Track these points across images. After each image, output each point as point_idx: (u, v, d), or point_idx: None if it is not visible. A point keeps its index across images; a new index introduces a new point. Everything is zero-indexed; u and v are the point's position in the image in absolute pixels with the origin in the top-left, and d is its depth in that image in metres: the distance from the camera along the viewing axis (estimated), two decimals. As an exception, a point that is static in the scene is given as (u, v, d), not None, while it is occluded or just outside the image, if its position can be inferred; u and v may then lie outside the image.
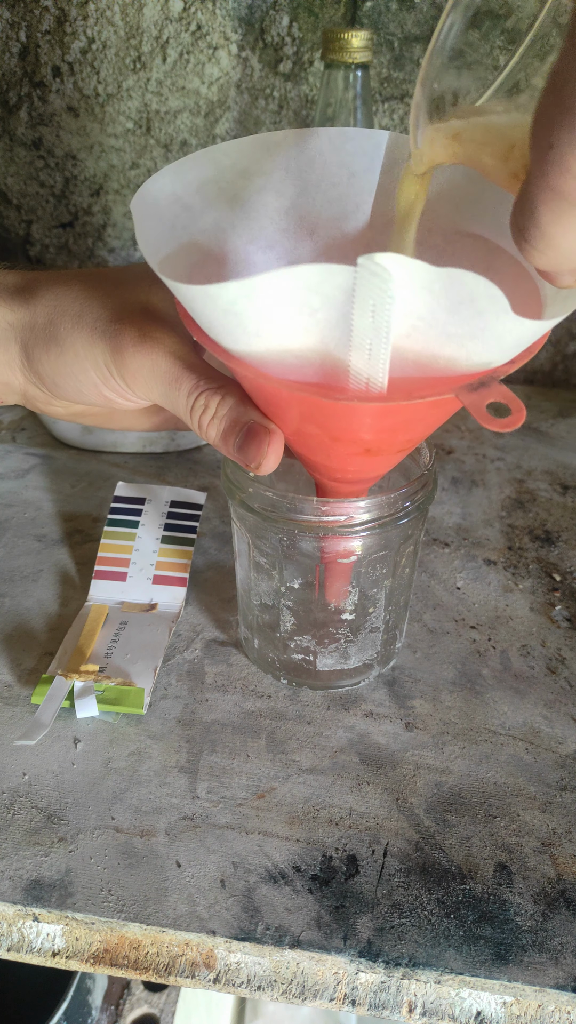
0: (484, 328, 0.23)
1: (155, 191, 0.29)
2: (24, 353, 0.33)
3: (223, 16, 0.64)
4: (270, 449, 0.30)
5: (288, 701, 0.40)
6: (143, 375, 0.31)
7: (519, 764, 0.38)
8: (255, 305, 0.23)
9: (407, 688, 0.41)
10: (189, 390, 0.30)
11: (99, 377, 0.32)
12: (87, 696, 0.38)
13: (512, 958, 0.30)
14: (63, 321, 0.32)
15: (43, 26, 0.67)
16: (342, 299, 0.22)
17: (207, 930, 0.31)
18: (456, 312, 0.22)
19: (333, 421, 0.28)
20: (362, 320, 0.23)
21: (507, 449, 0.64)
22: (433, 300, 0.22)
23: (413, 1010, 0.31)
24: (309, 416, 0.28)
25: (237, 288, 0.22)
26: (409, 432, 0.30)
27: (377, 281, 0.21)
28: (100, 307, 0.32)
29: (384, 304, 0.22)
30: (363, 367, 0.25)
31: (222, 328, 0.25)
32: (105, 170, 0.73)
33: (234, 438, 0.30)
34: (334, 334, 0.24)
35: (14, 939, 0.33)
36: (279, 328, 0.24)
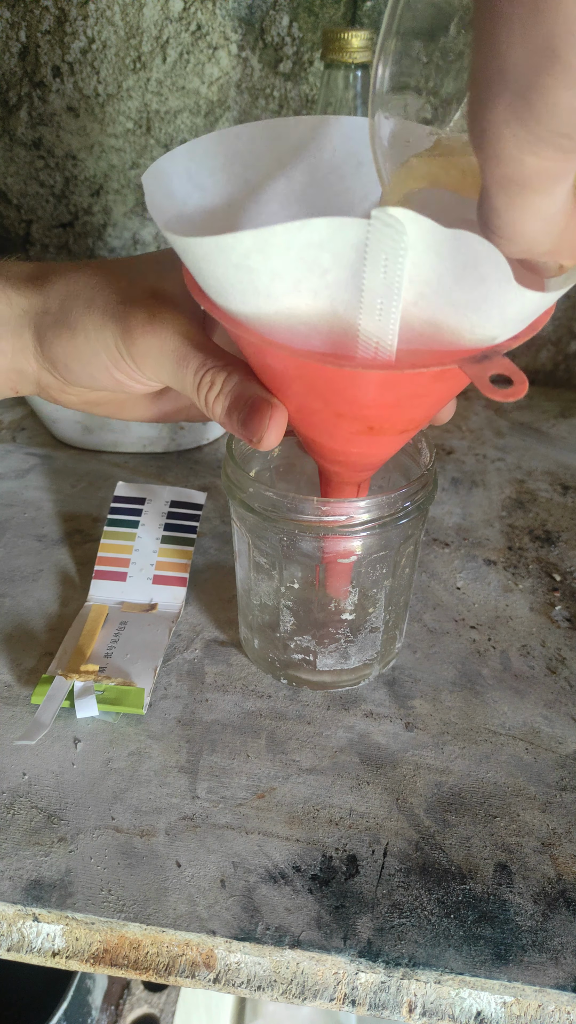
0: (487, 297, 0.23)
1: (168, 168, 0.30)
2: (37, 338, 0.34)
3: (223, 16, 0.64)
4: (271, 423, 0.30)
5: (288, 701, 0.40)
6: (152, 355, 0.32)
7: (519, 764, 0.38)
8: (267, 260, 0.23)
9: (407, 688, 0.41)
10: (196, 368, 0.31)
11: (109, 359, 0.32)
12: (87, 696, 0.38)
13: (512, 958, 0.30)
14: (75, 305, 0.33)
15: (43, 26, 0.67)
16: (354, 257, 0.22)
17: (207, 930, 0.31)
18: (462, 279, 0.22)
19: (337, 392, 0.28)
20: (374, 276, 0.23)
21: (507, 449, 0.64)
22: (440, 264, 0.22)
23: (413, 1010, 0.31)
24: (313, 387, 0.28)
25: (251, 239, 0.22)
26: (412, 409, 0.29)
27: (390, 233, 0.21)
28: (111, 291, 0.33)
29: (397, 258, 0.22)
30: (373, 329, 0.24)
31: (232, 287, 0.25)
32: (105, 170, 0.73)
33: (238, 413, 0.30)
34: (344, 297, 0.24)
35: (14, 939, 0.33)
36: (289, 288, 0.24)
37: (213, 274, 0.25)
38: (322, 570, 0.38)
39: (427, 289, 0.23)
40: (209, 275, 0.25)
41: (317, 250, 0.22)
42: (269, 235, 0.22)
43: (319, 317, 0.25)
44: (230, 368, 0.31)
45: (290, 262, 0.23)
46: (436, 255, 0.22)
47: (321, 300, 0.24)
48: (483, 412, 0.70)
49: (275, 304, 0.25)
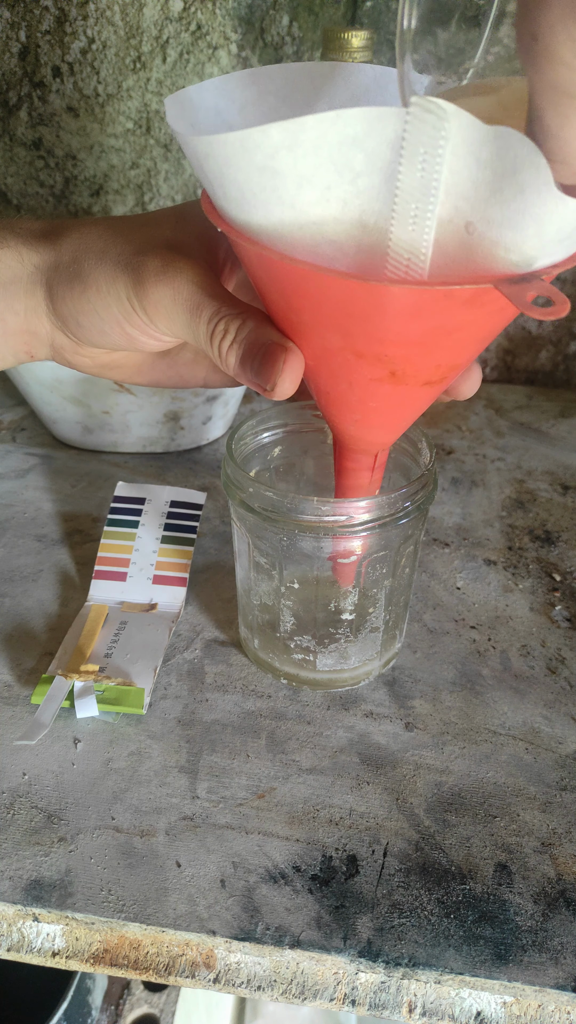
0: (525, 209, 0.21)
1: (195, 99, 0.28)
2: (49, 295, 0.33)
3: (223, 16, 0.64)
4: (286, 367, 0.28)
5: (288, 701, 0.40)
6: (165, 305, 0.30)
7: (519, 764, 0.38)
8: (296, 161, 0.21)
9: (407, 688, 0.41)
10: (210, 316, 0.30)
11: (121, 312, 0.31)
12: (87, 696, 0.38)
13: (512, 958, 0.30)
14: (87, 258, 0.32)
15: (43, 26, 0.67)
16: (389, 157, 0.21)
17: (207, 930, 0.31)
18: (499, 189, 0.21)
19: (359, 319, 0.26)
20: (410, 175, 0.21)
21: (507, 449, 0.64)
22: (479, 170, 0.21)
23: (413, 1010, 0.31)
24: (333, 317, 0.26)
25: (279, 133, 0.21)
26: (439, 350, 0.27)
27: (432, 121, 0.20)
28: (124, 243, 0.32)
29: (436, 152, 0.20)
30: (406, 239, 0.23)
31: (255, 197, 0.23)
32: (105, 170, 0.73)
33: (251, 361, 0.29)
34: (375, 207, 0.22)
35: (14, 939, 0.32)
36: (318, 196, 0.22)
37: (235, 181, 0.23)
38: (325, 569, 0.38)
39: (463, 203, 0.22)
40: (231, 183, 0.24)
41: (350, 148, 0.21)
42: (299, 128, 0.21)
43: (347, 234, 0.23)
44: (244, 315, 0.29)
45: (320, 163, 0.21)
46: (475, 160, 0.20)
47: (351, 211, 0.23)
48: (483, 412, 0.70)
49: (301, 216, 0.23)
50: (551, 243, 0.23)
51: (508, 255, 0.23)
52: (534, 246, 0.23)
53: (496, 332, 0.28)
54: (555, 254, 0.24)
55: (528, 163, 0.20)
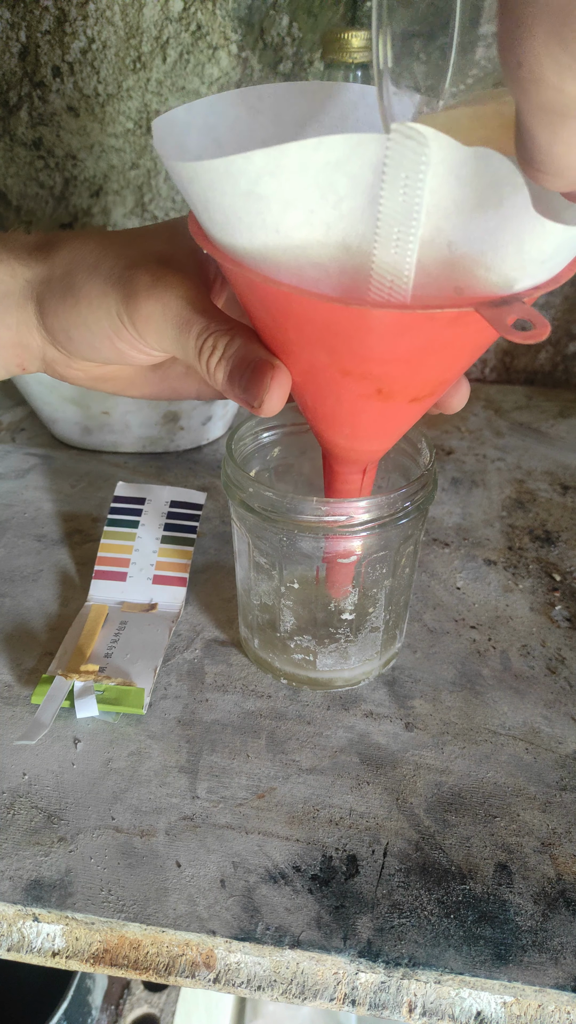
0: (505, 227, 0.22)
1: (184, 119, 0.29)
2: (40, 309, 0.33)
3: (223, 16, 0.64)
4: (273, 383, 0.29)
5: (288, 701, 0.40)
6: (155, 320, 0.31)
7: (519, 764, 0.38)
8: (279, 186, 0.22)
9: (407, 688, 0.41)
10: (199, 332, 0.30)
11: (111, 327, 0.32)
12: (87, 696, 0.38)
13: (512, 958, 0.30)
14: (79, 272, 0.32)
15: (43, 26, 0.67)
16: (371, 180, 0.21)
17: (207, 930, 0.31)
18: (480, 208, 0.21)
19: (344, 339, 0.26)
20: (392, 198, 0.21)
21: (507, 449, 0.64)
22: (460, 190, 0.21)
23: (413, 1010, 0.31)
24: (318, 337, 0.26)
25: (263, 159, 0.21)
26: (425, 368, 0.28)
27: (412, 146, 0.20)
28: (115, 257, 0.32)
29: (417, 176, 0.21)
30: (389, 261, 0.23)
31: (240, 221, 0.24)
32: (105, 170, 0.73)
33: (239, 377, 0.29)
34: (359, 230, 0.22)
35: (14, 939, 0.33)
36: (301, 220, 0.22)
37: (220, 206, 0.24)
38: (322, 569, 0.38)
39: (445, 223, 0.22)
40: (216, 208, 0.24)
41: (333, 172, 0.21)
42: (282, 154, 0.21)
43: (331, 256, 0.23)
44: (233, 332, 0.30)
45: (303, 188, 0.22)
46: (456, 179, 0.21)
47: (335, 234, 0.23)
48: (483, 412, 0.70)
49: (285, 239, 0.23)
50: (532, 264, 0.23)
51: (489, 275, 0.23)
52: (514, 266, 0.23)
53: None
54: (536, 275, 0.24)
55: (508, 183, 0.20)
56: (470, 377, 0.78)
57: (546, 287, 0.25)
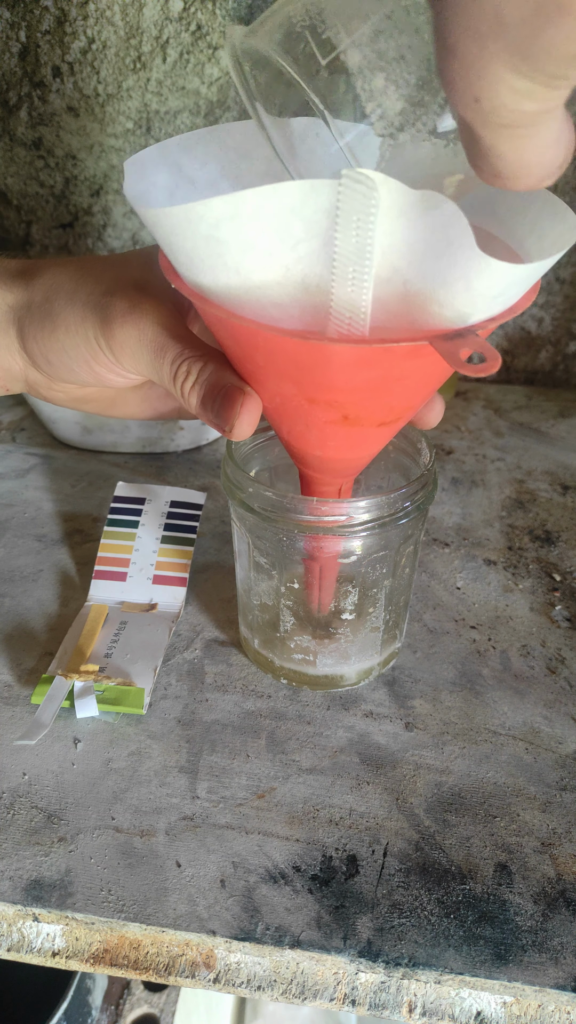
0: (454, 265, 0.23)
1: (156, 158, 0.29)
2: (20, 333, 0.34)
3: (223, 16, 0.64)
4: (243, 410, 0.30)
5: (288, 701, 0.40)
6: (130, 345, 0.32)
7: (519, 764, 0.38)
8: (238, 230, 0.23)
9: (407, 688, 0.41)
10: (173, 358, 0.31)
11: (89, 351, 0.33)
12: (87, 696, 0.38)
13: (512, 958, 0.30)
14: (58, 297, 0.33)
15: (43, 26, 0.67)
16: (326, 224, 0.22)
17: (207, 930, 0.31)
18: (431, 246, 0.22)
19: (307, 372, 0.27)
20: (346, 241, 0.22)
21: (507, 449, 0.64)
22: (410, 230, 0.22)
23: (413, 1010, 0.31)
24: (283, 368, 0.28)
25: (222, 205, 0.22)
26: (388, 395, 0.29)
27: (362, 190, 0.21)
28: (94, 283, 0.33)
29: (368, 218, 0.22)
30: (346, 299, 0.24)
31: (202, 262, 0.25)
32: (105, 170, 0.73)
33: (211, 402, 0.30)
34: (316, 270, 0.23)
35: (14, 939, 0.33)
36: (260, 261, 0.23)
37: (183, 248, 0.25)
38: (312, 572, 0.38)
39: (399, 260, 0.23)
40: (179, 249, 0.25)
41: (289, 216, 0.22)
42: (239, 201, 0.22)
43: (290, 296, 0.25)
44: (206, 358, 0.31)
45: (261, 232, 0.22)
46: (406, 220, 0.22)
47: (293, 274, 0.24)
48: (482, 412, 0.70)
49: (246, 280, 0.24)
50: (482, 299, 0.24)
51: (443, 311, 0.24)
52: (465, 302, 0.24)
53: (445, 376, 0.29)
54: (489, 309, 0.25)
55: (454, 225, 0.21)
56: (470, 377, 0.78)
57: (501, 319, 0.26)
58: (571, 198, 0.66)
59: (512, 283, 0.24)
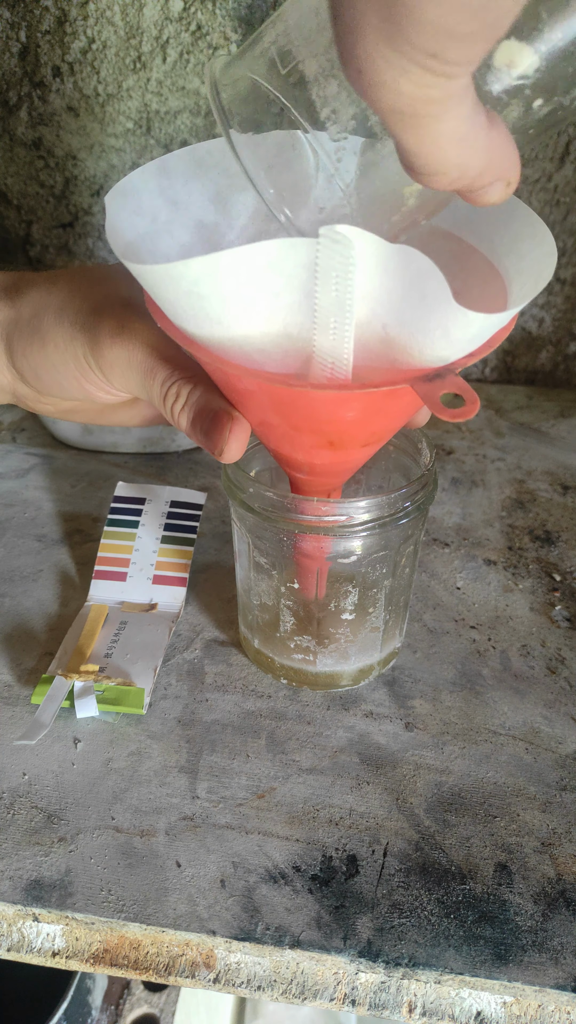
0: (431, 315, 0.23)
1: (138, 184, 0.30)
2: (8, 350, 0.34)
3: (223, 16, 0.64)
4: (231, 435, 0.30)
5: (288, 701, 0.40)
6: (120, 366, 0.32)
7: (519, 764, 0.38)
8: (218, 286, 0.23)
9: (407, 688, 0.41)
10: (163, 380, 0.31)
11: (78, 370, 0.33)
12: (87, 696, 0.38)
13: (512, 958, 0.30)
14: (46, 315, 0.33)
15: (43, 26, 0.67)
16: (304, 277, 0.23)
17: (207, 930, 0.31)
18: (407, 296, 0.23)
19: (293, 410, 0.28)
20: (326, 294, 0.23)
21: (507, 449, 0.64)
22: (388, 279, 0.22)
23: (413, 1010, 0.31)
24: (270, 405, 0.28)
25: (200, 265, 0.22)
26: (371, 424, 0.30)
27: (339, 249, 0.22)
28: (82, 301, 0.33)
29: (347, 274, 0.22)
30: (328, 347, 0.25)
31: (185, 313, 0.25)
32: (105, 170, 0.73)
33: (201, 425, 0.31)
34: (297, 319, 0.24)
35: (14, 939, 0.33)
36: (241, 314, 0.24)
37: (166, 299, 0.25)
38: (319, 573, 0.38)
39: (378, 307, 0.23)
40: (163, 300, 0.26)
41: (267, 272, 0.22)
42: (218, 261, 0.22)
43: (273, 343, 0.25)
44: (195, 380, 0.31)
45: (241, 287, 0.23)
46: (384, 271, 0.22)
47: (274, 324, 0.24)
48: (483, 412, 0.70)
49: (228, 330, 0.25)
50: (459, 343, 0.25)
51: (422, 353, 0.25)
52: (443, 347, 0.24)
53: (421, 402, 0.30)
54: (467, 349, 0.26)
55: (429, 278, 0.22)
56: (471, 377, 0.78)
57: (479, 355, 0.26)
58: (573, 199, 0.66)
59: (490, 326, 0.25)
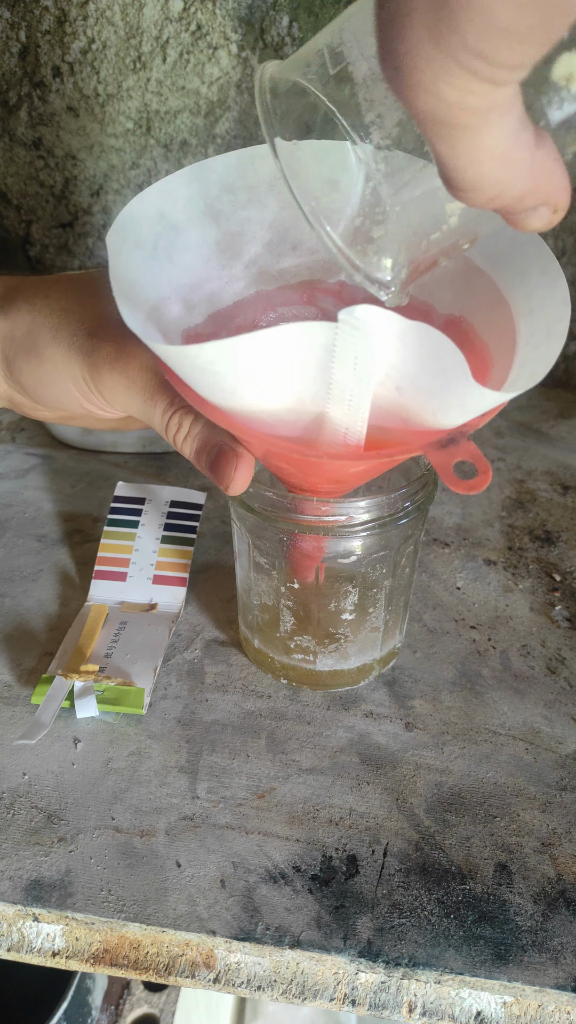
0: (447, 387, 0.23)
1: (138, 212, 0.30)
2: (5, 363, 0.33)
3: (223, 16, 0.64)
4: (237, 473, 0.30)
5: (288, 701, 0.40)
6: (120, 391, 0.31)
7: (519, 764, 0.38)
8: (233, 367, 0.23)
9: (407, 688, 0.41)
10: (164, 408, 0.31)
11: (79, 391, 0.32)
12: (87, 696, 0.38)
13: (512, 958, 0.30)
14: (42, 333, 0.32)
15: (43, 26, 0.67)
16: (320, 355, 0.23)
17: (207, 930, 0.31)
18: (424, 366, 0.23)
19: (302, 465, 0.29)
20: (343, 373, 0.23)
21: (507, 449, 0.64)
22: (404, 350, 0.22)
23: (413, 1010, 0.31)
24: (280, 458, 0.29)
25: (214, 350, 0.22)
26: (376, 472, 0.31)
27: (359, 335, 0.22)
28: (78, 320, 0.32)
29: (365, 355, 0.22)
30: (342, 418, 0.25)
31: (198, 383, 0.25)
32: (105, 170, 0.73)
33: (206, 457, 0.31)
34: (311, 390, 0.24)
35: (14, 939, 0.33)
36: (256, 388, 0.24)
37: (180, 370, 0.25)
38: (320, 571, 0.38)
39: (393, 372, 0.23)
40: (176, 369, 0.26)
41: (283, 353, 0.22)
42: (233, 345, 0.22)
43: (287, 410, 0.25)
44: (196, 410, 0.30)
45: (256, 366, 0.23)
46: (400, 342, 0.22)
47: (288, 396, 0.24)
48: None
49: (241, 401, 0.25)
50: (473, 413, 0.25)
51: (436, 417, 0.25)
52: (457, 415, 0.25)
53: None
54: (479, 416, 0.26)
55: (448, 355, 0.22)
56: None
57: (489, 415, 0.26)
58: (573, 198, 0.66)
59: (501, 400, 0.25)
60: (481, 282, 0.31)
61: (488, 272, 0.30)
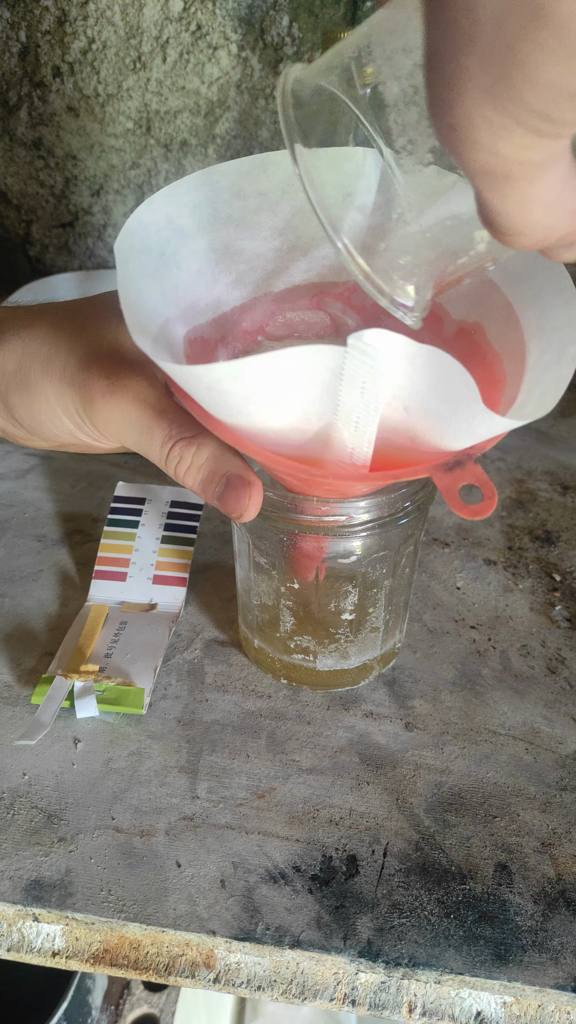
0: (456, 410, 0.23)
1: (146, 219, 0.29)
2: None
3: (223, 16, 0.64)
4: (251, 502, 0.30)
5: (288, 701, 0.40)
6: (114, 423, 0.30)
7: (519, 764, 0.38)
8: (240, 386, 0.23)
9: (407, 688, 0.41)
10: (162, 441, 0.30)
11: (73, 424, 0.32)
12: (87, 696, 0.38)
13: (512, 958, 0.30)
14: (32, 367, 0.32)
15: (43, 26, 0.67)
16: (329, 378, 0.23)
17: (207, 930, 0.31)
18: (434, 388, 0.23)
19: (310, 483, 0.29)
20: (351, 396, 0.23)
21: (507, 449, 0.64)
22: (413, 372, 0.22)
23: (413, 1010, 0.31)
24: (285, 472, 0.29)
25: (223, 370, 0.22)
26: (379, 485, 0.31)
27: (368, 360, 0.22)
28: (68, 352, 0.31)
29: (373, 380, 0.22)
30: (349, 439, 0.25)
31: (206, 401, 0.25)
32: (105, 170, 0.73)
33: (213, 488, 0.30)
34: (318, 410, 0.24)
35: (14, 939, 0.33)
36: (263, 408, 0.24)
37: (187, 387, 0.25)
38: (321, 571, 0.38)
39: (401, 392, 0.23)
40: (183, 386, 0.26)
41: (291, 374, 0.22)
42: (241, 365, 0.22)
43: (293, 428, 0.25)
44: (198, 440, 0.29)
45: (263, 387, 0.23)
46: (409, 364, 0.22)
47: (294, 416, 0.24)
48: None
49: (248, 419, 0.25)
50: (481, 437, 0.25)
51: (443, 438, 0.25)
52: (465, 439, 0.24)
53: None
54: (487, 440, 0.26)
55: (459, 380, 0.22)
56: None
57: (497, 439, 0.26)
58: None
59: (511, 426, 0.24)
60: (495, 296, 0.30)
61: (501, 287, 0.30)
